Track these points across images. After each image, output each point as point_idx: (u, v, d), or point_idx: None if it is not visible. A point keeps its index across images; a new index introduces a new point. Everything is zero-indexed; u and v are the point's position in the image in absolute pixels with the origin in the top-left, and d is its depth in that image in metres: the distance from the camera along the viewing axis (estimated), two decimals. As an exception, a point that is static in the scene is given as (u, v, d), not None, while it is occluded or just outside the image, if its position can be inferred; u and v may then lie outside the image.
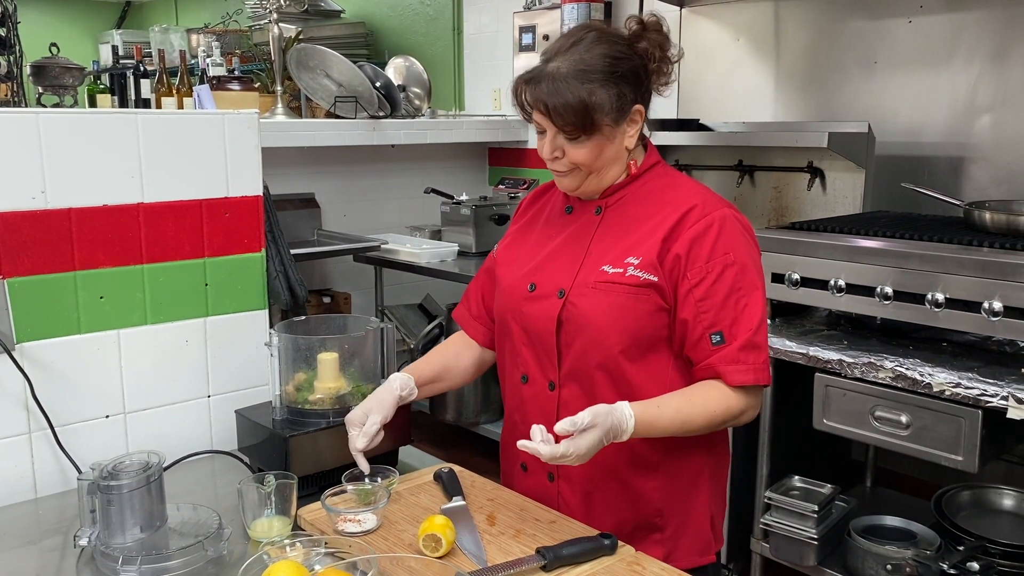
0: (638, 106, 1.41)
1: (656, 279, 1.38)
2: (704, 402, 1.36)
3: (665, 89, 1.45)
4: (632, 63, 1.38)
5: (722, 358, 1.36)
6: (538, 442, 1.25)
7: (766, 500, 2.36)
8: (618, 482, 1.46)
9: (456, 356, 1.64)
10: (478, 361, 1.65)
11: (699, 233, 1.38)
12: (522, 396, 1.51)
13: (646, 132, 1.49)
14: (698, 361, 1.39)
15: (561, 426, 1.25)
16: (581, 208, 1.51)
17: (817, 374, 2.17)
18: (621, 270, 1.39)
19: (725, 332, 1.37)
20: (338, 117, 3.49)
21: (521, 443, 1.27)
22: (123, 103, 3.83)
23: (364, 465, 1.44)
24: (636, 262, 1.39)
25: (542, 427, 1.27)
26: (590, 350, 1.41)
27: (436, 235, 3.85)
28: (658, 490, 1.46)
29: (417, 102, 3.91)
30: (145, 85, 3.93)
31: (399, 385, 1.50)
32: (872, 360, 2.07)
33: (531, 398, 1.49)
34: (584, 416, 1.26)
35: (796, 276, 2.29)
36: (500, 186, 4.09)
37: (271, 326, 1.77)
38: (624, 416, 1.29)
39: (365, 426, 1.44)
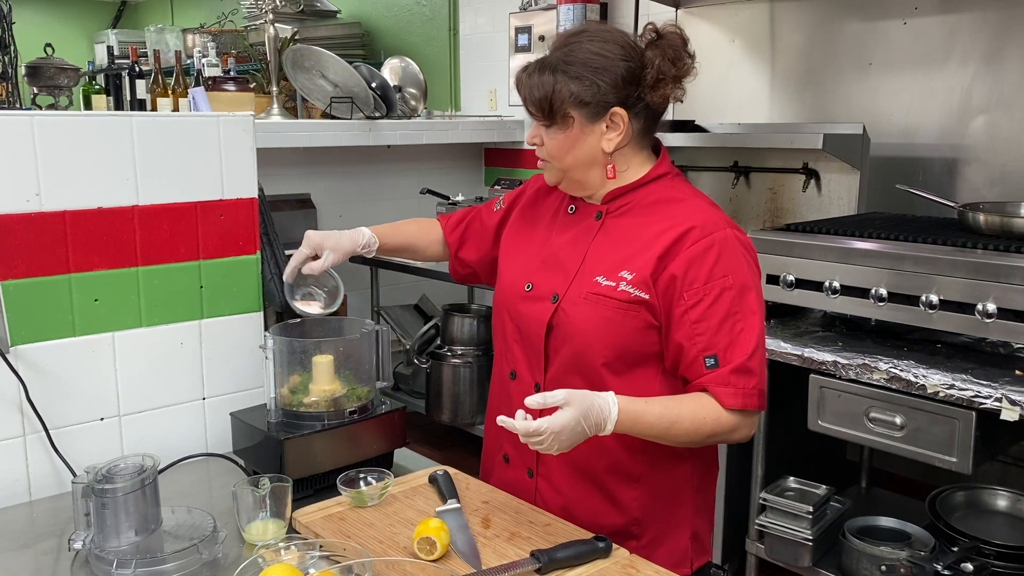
0: (619, 110, 1.38)
1: (647, 297, 1.37)
2: (695, 408, 1.35)
3: (663, 104, 1.41)
4: (617, 64, 1.36)
5: (712, 379, 1.35)
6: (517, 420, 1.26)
7: (761, 501, 2.37)
8: (597, 486, 1.46)
9: (429, 245, 1.75)
10: (442, 255, 1.77)
11: (698, 254, 1.35)
12: (509, 392, 1.52)
13: (646, 139, 1.46)
14: (691, 380, 1.38)
15: (532, 399, 1.25)
16: (583, 211, 1.50)
17: (812, 375, 2.18)
18: (613, 284, 1.38)
19: (720, 356, 1.34)
20: (334, 118, 3.49)
21: (500, 418, 1.26)
22: (118, 104, 3.81)
23: (290, 274, 1.60)
24: (629, 277, 1.38)
25: (523, 412, 1.28)
26: (574, 359, 1.41)
27: (432, 236, 3.84)
28: (637, 500, 1.46)
29: (413, 103, 3.91)
30: (140, 85, 3.92)
31: (364, 242, 1.64)
32: (866, 361, 2.07)
33: (518, 395, 1.46)
34: (558, 393, 1.25)
35: (791, 277, 2.29)
36: (496, 187, 4.09)
37: (266, 328, 1.77)
38: (607, 403, 1.28)
39: (318, 261, 1.58)
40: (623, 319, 1.38)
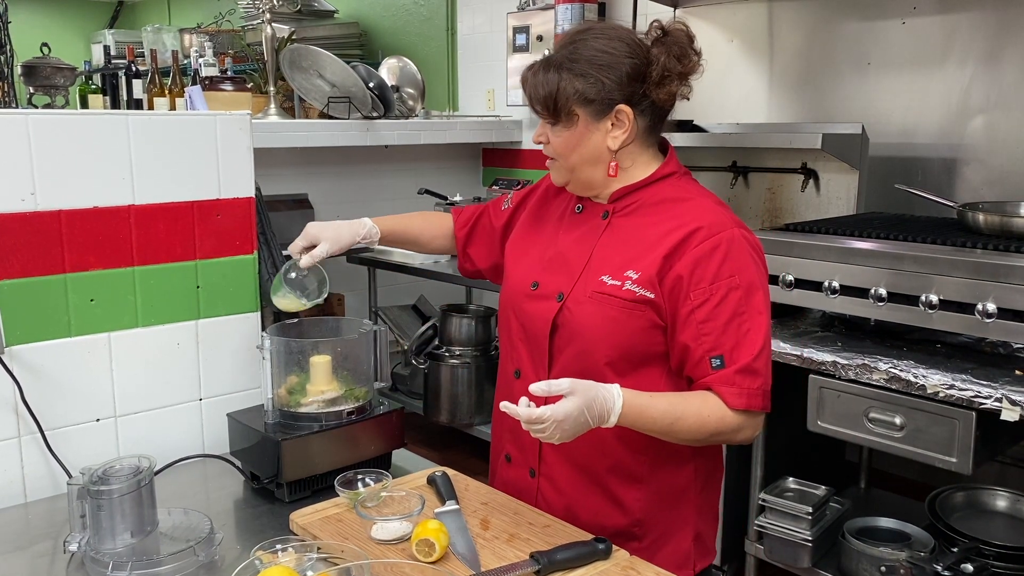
0: (624, 107, 1.37)
1: (653, 296, 1.36)
2: (699, 406, 1.34)
3: (669, 101, 1.40)
4: (623, 61, 1.36)
5: (717, 379, 1.34)
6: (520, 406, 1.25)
7: (760, 502, 2.36)
8: (599, 487, 1.45)
9: (433, 239, 1.75)
10: (448, 249, 1.78)
11: (704, 254, 1.34)
12: (513, 390, 1.50)
13: (652, 137, 1.46)
14: (696, 380, 1.38)
15: (537, 386, 1.24)
16: (590, 210, 1.49)
17: (811, 376, 2.17)
18: (619, 283, 1.38)
19: (726, 356, 1.33)
20: (331, 118, 3.48)
21: (503, 404, 1.26)
22: (115, 103, 3.80)
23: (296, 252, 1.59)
24: (635, 277, 1.37)
25: (526, 400, 1.26)
26: (578, 358, 1.41)
27: (430, 236, 3.83)
28: (640, 501, 1.45)
29: (411, 103, 3.90)
30: (137, 85, 3.91)
31: (365, 233, 1.65)
32: (866, 362, 2.07)
33: (522, 393, 1.42)
34: (563, 381, 1.24)
35: (790, 277, 2.29)
36: (494, 187, 4.08)
37: (263, 329, 1.76)
38: (611, 394, 1.27)
39: (315, 249, 1.58)
40: (628, 319, 1.37)
